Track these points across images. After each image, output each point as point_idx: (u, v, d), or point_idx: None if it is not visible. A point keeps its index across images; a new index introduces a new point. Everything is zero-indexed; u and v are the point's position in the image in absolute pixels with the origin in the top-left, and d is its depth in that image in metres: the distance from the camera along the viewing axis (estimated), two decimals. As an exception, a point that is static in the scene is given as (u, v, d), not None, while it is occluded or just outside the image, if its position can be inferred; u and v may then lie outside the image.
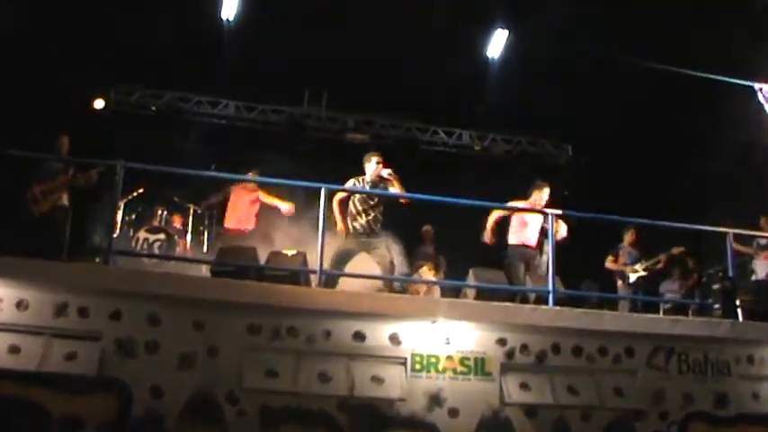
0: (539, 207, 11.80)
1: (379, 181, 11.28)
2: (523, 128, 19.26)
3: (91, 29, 14.76)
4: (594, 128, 17.40)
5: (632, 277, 13.83)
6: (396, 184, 11.19)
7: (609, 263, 14.09)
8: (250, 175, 12.94)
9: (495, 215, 11.90)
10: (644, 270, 13.82)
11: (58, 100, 15.33)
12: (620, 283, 13.97)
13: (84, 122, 15.80)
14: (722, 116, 15.90)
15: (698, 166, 17.53)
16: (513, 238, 12.03)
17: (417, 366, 9.46)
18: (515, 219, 12.10)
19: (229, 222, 13.14)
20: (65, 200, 11.31)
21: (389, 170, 11.27)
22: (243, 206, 13.08)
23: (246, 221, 13.01)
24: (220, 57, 15.93)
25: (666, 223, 11.93)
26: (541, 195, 11.95)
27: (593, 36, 14.72)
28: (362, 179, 11.33)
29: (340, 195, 11.28)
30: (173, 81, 17.55)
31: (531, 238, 12.01)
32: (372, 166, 11.29)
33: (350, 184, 11.28)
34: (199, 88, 17.99)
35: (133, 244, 14.01)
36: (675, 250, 13.83)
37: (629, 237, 14.12)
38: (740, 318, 10.85)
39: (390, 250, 11.22)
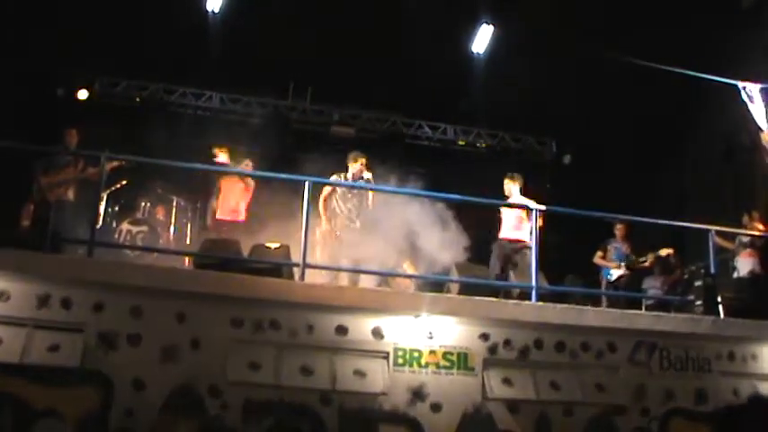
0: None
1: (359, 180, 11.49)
2: (507, 123, 19.28)
3: (75, 19, 14.69)
4: (579, 124, 17.45)
5: (614, 275, 13.83)
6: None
7: (597, 258, 14.07)
8: (242, 167, 12.93)
9: None
10: (627, 268, 13.80)
11: (41, 90, 15.26)
12: (604, 281, 13.97)
13: (68, 113, 15.74)
14: (706, 114, 15.99)
15: (682, 163, 17.63)
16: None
17: (400, 360, 9.47)
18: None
19: (222, 213, 12.99)
20: (70, 194, 11.32)
21: (370, 175, 11.50)
22: (234, 196, 12.96)
23: (238, 212, 12.91)
24: (205, 48, 15.88)
25: (649, 220, 12.00)
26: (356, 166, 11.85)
27: (578, 32, 14.75)
28: (344, 175, 11.49)
29: (325, 194, 11.39)
30: (157, 72, 17.48)
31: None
32: (357, 167, 11.55)
33: (332, 179, 11.42)
34: (183, 80, 17.92)
35: (116, 236, 13.95)
36: (663, 252, 13.77)
37: (619, 231, 14.07)
38: (722, 314, 10.89)
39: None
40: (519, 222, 12.10)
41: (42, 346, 8.53)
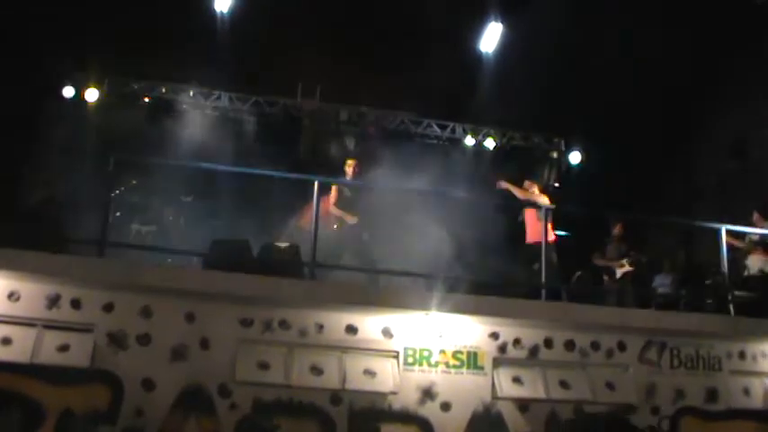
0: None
1: None
2: (516, 122, 19.26)
3: (86, 19, 14.70)
4: (587, 123, 17.41)
5: (618, 273, 13.79)
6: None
7: (596, 259, 14.04)
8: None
9: None
10: (630, 265, 13.76)
11: (52, 90, 15.29)
12: (606, 278, 13.92)
13: (78, 113, 15.79)
14: (716, 111, 15.92)
15: (691, 161, 17.57)
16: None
17: (410, 360, 9.47)
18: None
19: None
20: (57, 192, 11.32)
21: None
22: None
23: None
24: (214, 48, 15.87)
25: (659, 218, 11.97)
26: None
27: (587, 31, 14.71)
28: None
29: (332, 199, 11.47)
30: (166, 72, 17.51)
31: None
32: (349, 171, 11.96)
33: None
34: (192, 79, 17.94)
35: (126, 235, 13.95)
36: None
37: (616, 230, 14.02)
38: (732, 313, 10.85)
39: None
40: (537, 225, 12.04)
41: (52, 346, 8.55)
